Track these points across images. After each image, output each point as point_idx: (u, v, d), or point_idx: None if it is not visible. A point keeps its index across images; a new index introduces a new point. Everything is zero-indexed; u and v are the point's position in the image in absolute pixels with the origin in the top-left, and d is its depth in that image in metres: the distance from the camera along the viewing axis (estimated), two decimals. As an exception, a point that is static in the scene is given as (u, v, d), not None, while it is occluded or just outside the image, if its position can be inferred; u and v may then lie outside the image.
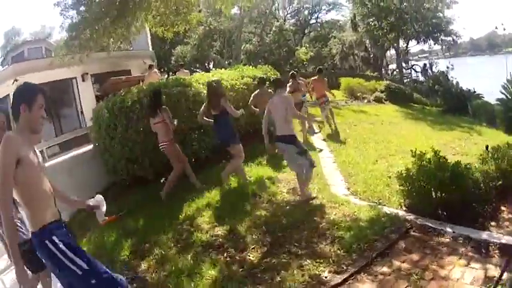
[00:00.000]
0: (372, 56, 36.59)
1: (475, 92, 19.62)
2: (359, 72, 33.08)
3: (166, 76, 20.62)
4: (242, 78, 9.54)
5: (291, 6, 40.77)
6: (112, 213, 3.63)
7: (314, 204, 5.36)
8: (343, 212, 4.94)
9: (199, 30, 27.43)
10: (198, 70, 27.83)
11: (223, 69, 11.42)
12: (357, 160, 7.57)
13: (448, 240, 3.90)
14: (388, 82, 20.55)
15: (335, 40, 35.30)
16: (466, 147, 8.94)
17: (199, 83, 8.38)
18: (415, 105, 20.71)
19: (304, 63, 31.81)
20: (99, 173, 8.03)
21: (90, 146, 8.80)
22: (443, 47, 30.37)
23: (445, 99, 20.09)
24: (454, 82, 27.04)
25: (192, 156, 7.47)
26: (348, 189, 6.06)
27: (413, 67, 34.37)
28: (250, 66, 11.79)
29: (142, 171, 7.43)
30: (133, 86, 8.37)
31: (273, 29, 32.72)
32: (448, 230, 4.05)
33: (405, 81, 29.12)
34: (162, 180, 7.01)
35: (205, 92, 6.88)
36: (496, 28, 62.99)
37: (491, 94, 18.43)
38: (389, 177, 6.05)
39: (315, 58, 32.66)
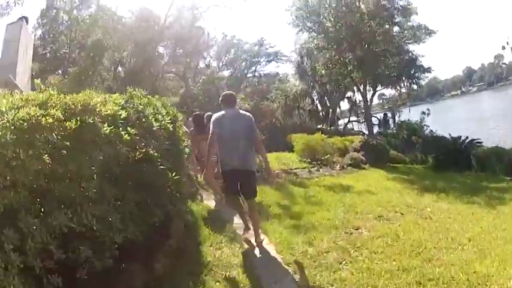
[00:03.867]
0: (320, 108, 31.49)
1: (468, 138, 15.01)
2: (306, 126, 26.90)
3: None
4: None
5: (226, 56, 35.36)
6: None
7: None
8: None
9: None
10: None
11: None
12: None
13: None
14: (363, 137, 14.24)
15: (276, 92, 29.65)
16: None
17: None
18: (398, 165, 14.84)
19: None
20: None
21: None
22: (408, 90, 24.84)
23: (432, 153, 15.33)
24: (427, 131, 22.51)
25: None
26: None
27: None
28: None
29: None
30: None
31: (203, 77, 26.31)
32: None
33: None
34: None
35: None
36: (504, 49, 62.35)
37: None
38: None
39: (252, 113, 25.57)
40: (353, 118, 31.99)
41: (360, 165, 11.68)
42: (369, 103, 22.90)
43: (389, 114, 29.93)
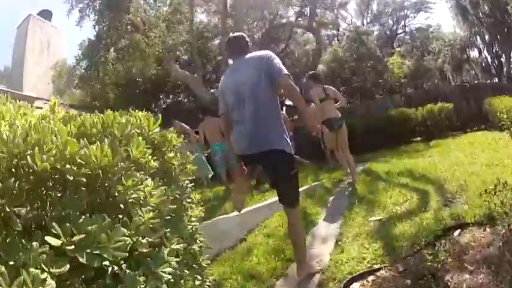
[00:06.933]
0: (490, 60, 26.72)
1: None
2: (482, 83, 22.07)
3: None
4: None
5: (368, 12, 32.39)
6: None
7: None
8: None
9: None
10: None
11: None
12: None
13: None
14: None
15: (438, 42, 25.13)
16: None
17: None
18: None
19: (402, 80, 20.55)
20: None
21: None
22: None
23: None
24: None
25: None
26: None
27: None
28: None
29: None
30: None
31: (346, 33, 23.33)
32: None
33: None
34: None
35: None
36: None
37: None
38: None
39: (414, 72, 21.45)
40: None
41: None
42: None
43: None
